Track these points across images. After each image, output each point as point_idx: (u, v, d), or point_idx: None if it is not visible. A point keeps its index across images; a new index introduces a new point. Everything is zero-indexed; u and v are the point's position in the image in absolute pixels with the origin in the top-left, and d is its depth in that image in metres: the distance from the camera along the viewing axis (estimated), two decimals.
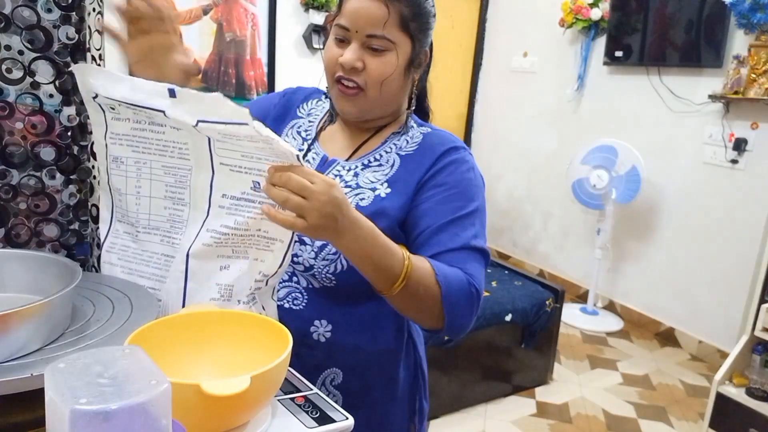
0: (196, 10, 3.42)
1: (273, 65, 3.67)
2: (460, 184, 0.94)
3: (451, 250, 0.89)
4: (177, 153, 0.82)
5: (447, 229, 0.91)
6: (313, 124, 1.07)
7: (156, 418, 0.42)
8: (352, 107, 0.95)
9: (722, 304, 3.18)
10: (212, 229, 0.80)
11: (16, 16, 0.89)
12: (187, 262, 0.81)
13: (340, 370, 0.99)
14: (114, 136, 0.83)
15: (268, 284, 0.84)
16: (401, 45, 0.92)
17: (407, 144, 0.99)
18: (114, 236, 0.88)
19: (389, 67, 0.91)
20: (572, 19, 3.76)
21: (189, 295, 0.81)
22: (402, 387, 1.05)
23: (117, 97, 0.77)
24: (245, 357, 0.70)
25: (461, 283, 0.86)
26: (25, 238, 0.95)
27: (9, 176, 0.92)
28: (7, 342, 0.61)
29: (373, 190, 0.95)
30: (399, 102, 1.00)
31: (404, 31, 0.91)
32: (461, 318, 0.87)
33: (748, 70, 2.93)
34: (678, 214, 3.40)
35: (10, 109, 0.91)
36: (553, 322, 2.80)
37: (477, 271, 0.89)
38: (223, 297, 0.81)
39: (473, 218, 0.93)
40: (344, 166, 0.99)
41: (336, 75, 0.93)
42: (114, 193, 0.87)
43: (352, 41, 0.91)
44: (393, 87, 0.94)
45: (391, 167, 0.97)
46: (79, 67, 0.79)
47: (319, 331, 0.96)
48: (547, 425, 2.56)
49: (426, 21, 0.94)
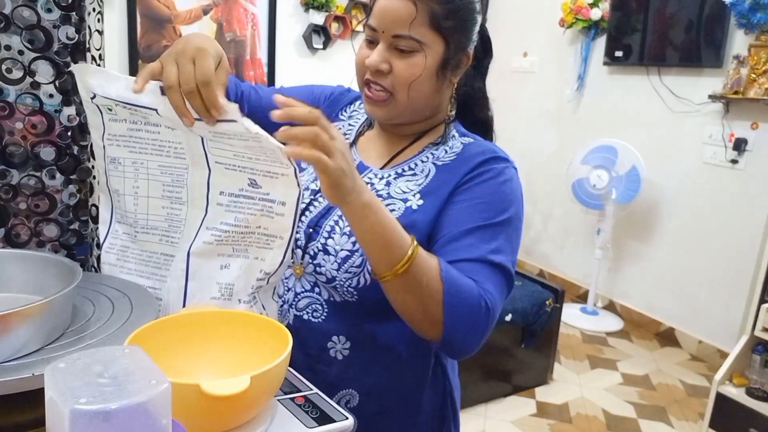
0: (196, 10, 3.42)
1: (273, 65, 3.67)
2: (492, 194, 0.87)
3: (466, 260, 0.81)
4: (173, 152, 0.82)
5: (466, 237, 0.83)
6: (353, 129, 1.03)
7: (156, 418, 0.42)
8: (380, 111, 0.90)
9: (722, 304, 3.18)
10: (212, 226, 0.80)
11: (16, 16, 0.89)
12: (188, 260, 0.81)
13: (357, 393, 0.92)
14: (111, 137, 0.83)
15: (270, 282, 0.84)
16: (432, 45, 0.85)
17: (445, 154, 0.93)
18: (113, 237, 0.89)
19: (416, 69, 0.85)
20: (572, 19, 3.76)
21: (190, 294, 0.82)
22: (426, 418, 0.96)
23: (113, 96, 0.77)
24: (245, 357, 0.70)
25: (470, 292, 0.78)
26: (25, 238, 0.95)
27: (9, 176, 0.92)
28: (7, 342, 0.61)
29: (405, 201, 0.89)
30: (434, 107, 0.93)
31: (436, 30, 0.85)
32: (463, 332, 0.78)
33: (748, 70, 2.93)
34: (678, 214, 3.40)
35: (10, 109, 0.91)
36: (553, 322, 2.80)
37: (493, 288, 0.80)
38: (224, 296, 0.81)
39: (499, 230, 0.84)
40: (377, 174, 0.94)
41: (365, 78, 0.89)
42: (113, 194, 0.87)
43: (380, 42, 0.86)
44: (423, 90, 0.88)
45: (426, 177, 0.91)
46: (78, 67, 0.80)
47: (337, 347, 0.91)
48: (547, 425, 2.56)
49: (464, 20, 0.88)
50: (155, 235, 0.86)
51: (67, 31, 0.92)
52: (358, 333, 0.91)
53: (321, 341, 0.91)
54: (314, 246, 0.90)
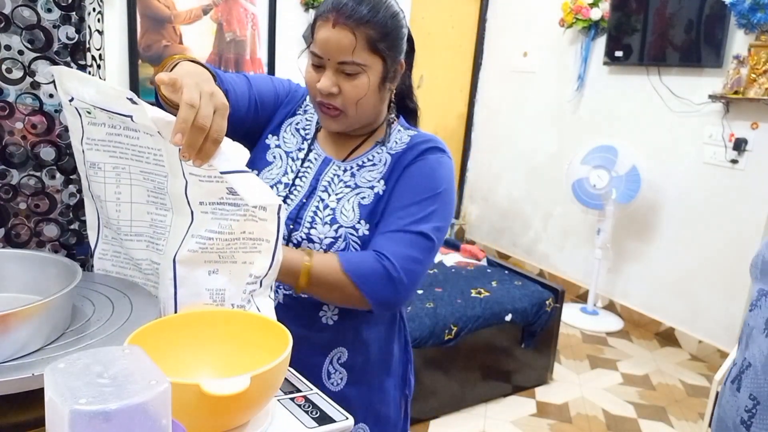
0: (196, 10, 3.42)
1: (273, 65, 3.67)
2: (428, 176, 1.02)
3: (389, 232, 0.98)
4: (153, 159, 0.80)
5: (398, 211, 1.00)
6: (311, 123, 1.13)
7: (156, 418, 0.42)
8: (334, 124, 1.03)
9: (722, 304, 3.18)
10: (197, 234, 0.78)
11: (16, 16, 0.88)
12: (175, 269, 0.78)
13: (346, 349, 1.09)
14: (90, 142, 0.81)
15: (263, 285, 0.82)
16: (372, 65, 0.97)
17: (396, 144, 1.07)
18: (104, 242, 0.87)
19: (362, 89, 0.97)
20: (572, 19, 3.76)
21: (180, 302, 0.79)
22: (395, 362, 1.17)
23: (87, 100, 0.75)
24: (245, 357, 0.70)
25: (369, 264, 0.95)
26: (25, 238, 0.95)
27: (9, 176, 0.92)
28: (7, 342, 0.61)
29: (372, 188, 1.04)
30: (379, 112, 1.07)
31: (374, 53, 0.96)
32: (382, 294, 0.95)
33: (748, 70, 2.93)
34: (678, 214, 3.40)
35: (10, 109, 0.91)
36: (553, 322, 2.80)
37: (398, 249, 0.96)
38: (216, 302, 0.79)
39: (427, 204, 1.00)
40: (340, 167, 1.07)
41: (317, 99, 1.00)
42: (95, 200, 0.85)
43: (326, 68, 0.97)
44: (369, 104, 1.01)
45: (384, 165, 1.05)
46: (55, 69, 0.78)
47: (327, 314, 1.06)
48: (547, 425, 2.56)
49: (395, 38, 0.99)
50: (141, 241, 0.84)
51: (67, 31, 0.92)
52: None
53: (312, 312, 1.05)
54: (298, 236, 1.02)
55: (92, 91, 0.75)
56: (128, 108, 0.73)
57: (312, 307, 1.05)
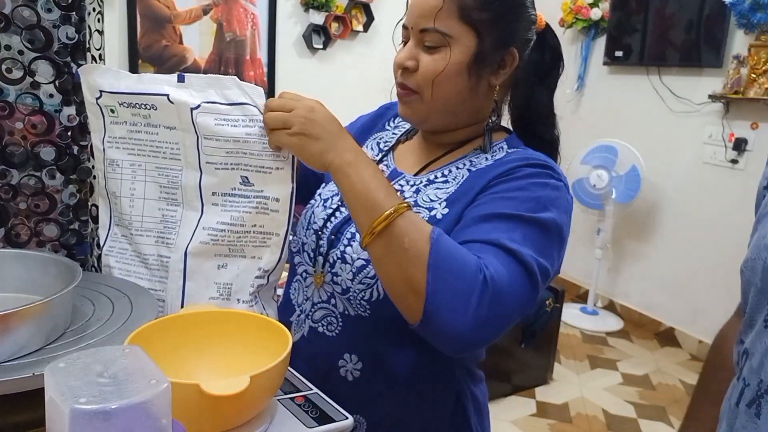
0: (196, 10, 3.42)
1: (273, 65, 3.67)
2: (523, 190, 0.77)
3: (474, 241, 0.72)
4: (169, 153, 0.83)
5: (481, 223, 0.74)
6: (395, 137, 0.98)
7: (156, 417, 0.42)
8: (408, 111, 0.85)
9: (722, 304, 3.17)
10: (208, 226, 0.81)
11: (16, 16, 0.88)
12: (186, 260, 0.81)
13: (365, 421, 0.86)
14: (111, 140, 0.85)
15: (270, 281, 0.84)
16: (460, 39, 0.78)
17: (486, 161, 0.85)
18: (113, 240, 0.89)
19: (440, 63, 0.78)
20: (572, 19, 3.75)
21: (188, 294, 0.82)
22: None
23: (122, 89, 0.80)
24: (245, 357, 0.70)
25: (465, 260, 0.68)
26: (25, 238, 0.95)
27: (9, 176, 0.92)
28: (7, 342, 0.61)
29: (430, 210, 0.83)
30: (471, 111, 0.86)
31: (466, 23, 0.78)
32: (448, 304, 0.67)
33: (748, 70, 2.93)
34: (678, 214, 3.40)
35: (10, 109, 0.91)
36: (553, 322, 2.80)
37: (502, 268, 0.69)
38: (222, 296, 0.82)
39: (525, 225, 0.74)
40: (408, 181, 0.88)
41: (396, 81, 0.84)
42: (110, 197, 0.88)
43: (410, 40, 0.82)
44: (449, 88, 0.80)
45: (456, 184, 0.84)
46: (85, 68, 0.82)
47: (348, 367, 0.85)
48: (547, 425, 2.56)
49: (503, 12, 0.80)
50: (150, 237, 0.86)
51: (67, 31, 0.92)
52: (370, 353, 0.85)
53: (332, 358, 0.86)
54: (334, 253, 0.86)
55: (131, 81, 0.80)
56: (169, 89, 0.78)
57: (334, 349, 0.86)
